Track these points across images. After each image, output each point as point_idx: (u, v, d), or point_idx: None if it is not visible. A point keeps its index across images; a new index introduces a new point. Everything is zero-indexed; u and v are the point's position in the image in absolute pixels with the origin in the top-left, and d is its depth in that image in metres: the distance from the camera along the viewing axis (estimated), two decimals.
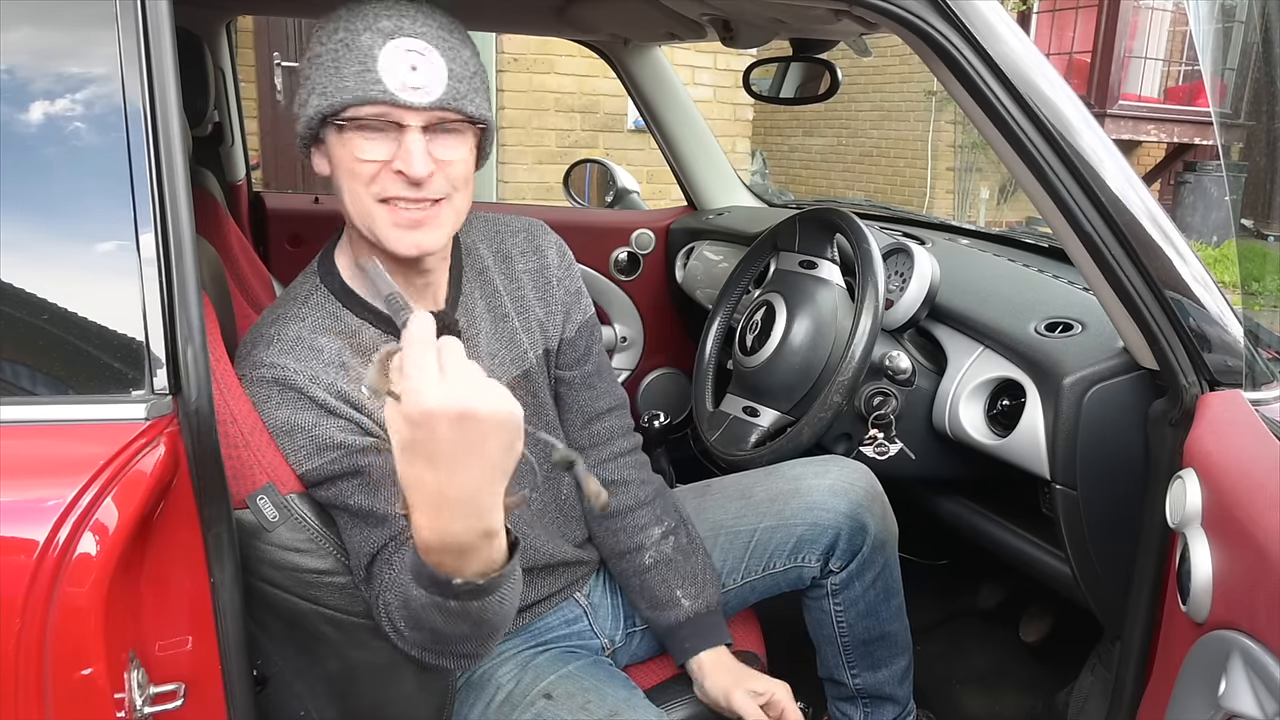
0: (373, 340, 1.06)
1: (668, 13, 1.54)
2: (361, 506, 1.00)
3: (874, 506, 1.34)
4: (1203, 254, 1.40)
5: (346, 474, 1.00)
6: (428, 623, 0.87)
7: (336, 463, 1.00)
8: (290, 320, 1.05)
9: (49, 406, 0.82)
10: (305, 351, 1.02)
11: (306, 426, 1.00)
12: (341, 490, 1.01)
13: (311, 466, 1.00)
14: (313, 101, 0.96)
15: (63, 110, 0.83)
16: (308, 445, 1.00)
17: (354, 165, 0.96)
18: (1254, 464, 0.91)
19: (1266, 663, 0.77)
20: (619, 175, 2.56)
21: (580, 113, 5.20)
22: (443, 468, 0.71)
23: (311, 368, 1.01)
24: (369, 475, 1.00)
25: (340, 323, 1.06)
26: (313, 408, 1.00)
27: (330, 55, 0.95)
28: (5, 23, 0.81)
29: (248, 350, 1.04)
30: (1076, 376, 1.21)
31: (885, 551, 1.36)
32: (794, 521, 1.32)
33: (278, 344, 1.02)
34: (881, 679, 1.41)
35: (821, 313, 1.53)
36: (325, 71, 0.95)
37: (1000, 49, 1.00)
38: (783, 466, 1.41)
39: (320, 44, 0.97)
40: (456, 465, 0.71)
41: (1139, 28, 7.03)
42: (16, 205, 0.81)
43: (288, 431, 1.00)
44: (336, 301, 1.07)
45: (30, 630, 0.75)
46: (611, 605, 1.34)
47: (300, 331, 1.04)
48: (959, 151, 7.76)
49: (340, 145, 0.97)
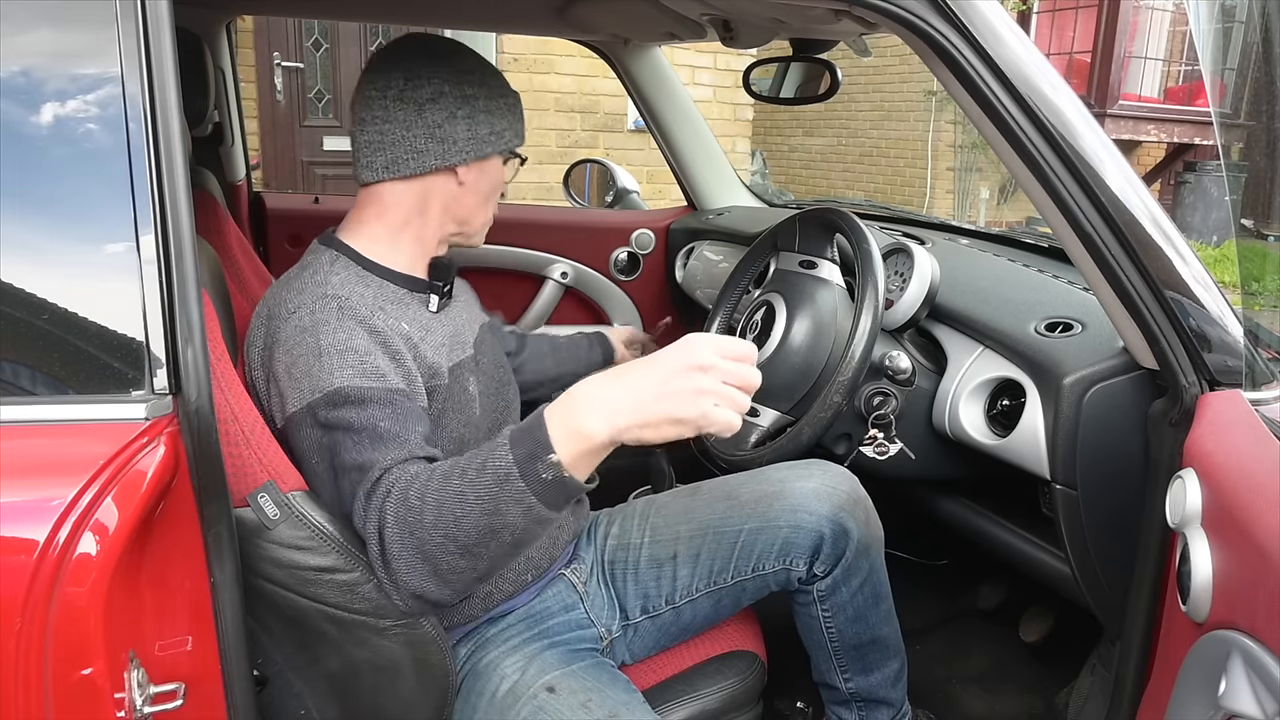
0: (394, 293, 1.20)
1: (668, 13, 1.54)
2: (388, 430, 1.06)
3: (856, 511, 1.35)
4: (1203, 254, 1.40)
5: (381, 402, 1.07)
6: (461, 501, 0.95)
7: (376, 391, 1.07)
8: (329, 274, 1.16)
9: (49, 406, 0.82)
10: (354, 291, 1.14)
11: (361, 351, 1.08)
12: (372, 414, 1.06)
13: (353, 384, 1.05)
14: (508, 137, 1.26)
15: (62, 110, 0.83)
16: (357, 366, 1.07)
17: (500, 186, 1.29)
18: (1254, 464, 0.91)
19: (1266, 663, 0.77)
20: (619, 175, 2.56)
21: (580, 113, 5.20)
22: (655, 374, 0.90)
23: (368, 301, 1.14)
24: (399, 408, 1.08)
25: (365, 280, 1.18)
26: (369, 336, 1.10)
27: (509, 108, 1.26)
28: (5, 23, 0.82)
29: (294, 294, 1.12)
30: (1076, 376, 1.21)
31: (870, 556, 1.36)
32: (778, 523, 1.34)
33: (330, 284, 1.13)
34: (874, 682, 1.42)
35: (821, 313, 1.53)
36: (511, 119, 1.26)
37: (1000, 49, 1.00)
38: (768, 469, 1.43)
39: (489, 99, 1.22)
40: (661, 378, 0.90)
41: (1139, 28, 7.03)
42: (17, 205, 0.82)
43: (341, 351, 1.07)
44: (358, 266, 1.19)
45: (30, 630, 0.75)
46: (606, 595, 1.37)
47: (344, 279, 1.15)
48: (959, 151, 7.76)
49: (504, 171, 1.28)
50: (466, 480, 0.95)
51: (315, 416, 1.06)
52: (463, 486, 0.95)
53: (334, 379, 1.06)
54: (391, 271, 1.21)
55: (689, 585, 1.35)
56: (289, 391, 1.07)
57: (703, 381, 0.89)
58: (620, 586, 1.38)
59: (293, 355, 1.08)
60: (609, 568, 1.39)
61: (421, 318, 1.21)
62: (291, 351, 1.08)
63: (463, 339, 1.29)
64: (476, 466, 0.95)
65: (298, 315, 1.10)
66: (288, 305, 1.12)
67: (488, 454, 0.95)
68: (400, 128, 1.17)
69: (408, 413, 1.08)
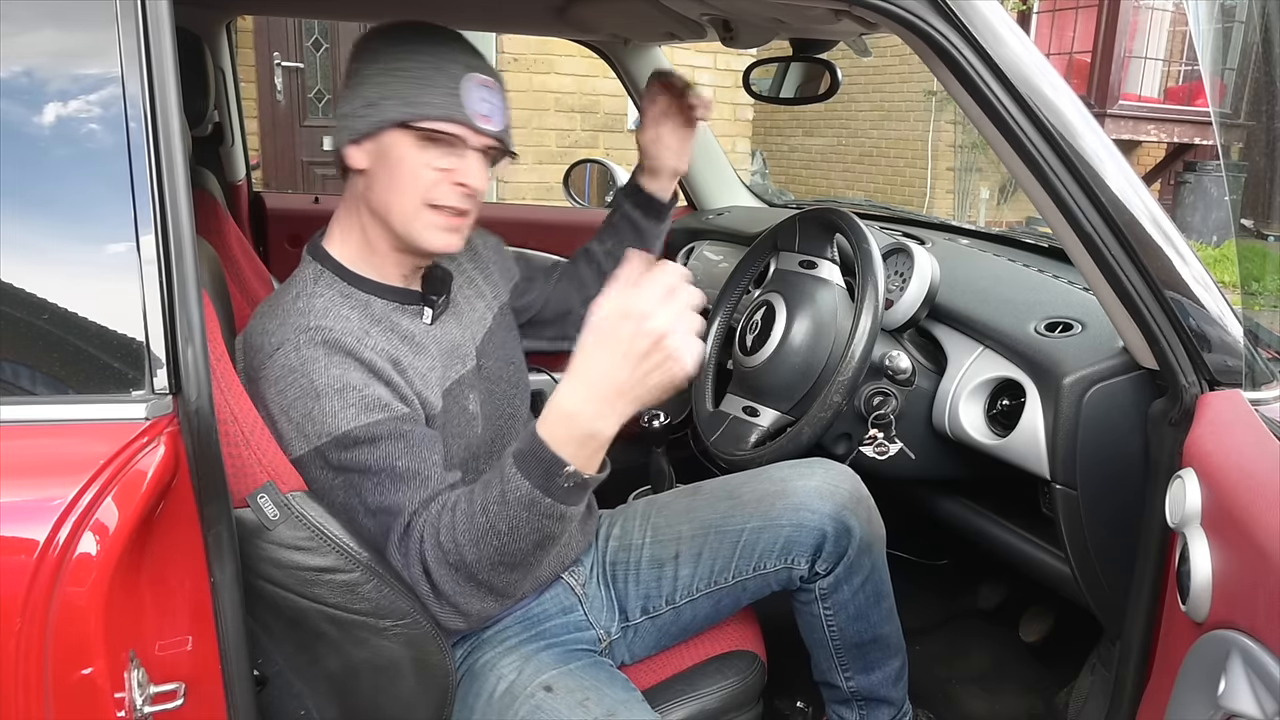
0: (382, 310, 1.16)
1: (668, 13, 1.54)
2: (407, 467, 1.06)
3: (859, 510, 1.34)
4: (1203, 254, 1.40)
5: (392, 436, 1.06)
6: (494, 533, 0.99)
7: (383, 425, 1.06)
8: (312, 297, 1.12)
9: (49, 406, 0.82)
10: (339, 317, 1.10)
11: (358, 385, 1.06)
12: (387, 452, 1.05)
13: (360, 424, 1.04)
14: (390, 106, 1.08)
15: (63, 110, 0.83)
16: (359, 403, 1.05)
17: (418, 170, 1.10)
18: (1254, 464, 0.91)
19: (1266, 663, 0.77)
20: (619, 175, 2.55)
21: (580, 113, 5.20)
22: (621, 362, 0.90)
23: (353, 328, 1.10)
24: (410, 439, 1.07)
25: (351, 299, 1.15)
26: (361, 368, 1.07)
27: (418, 72, 1.08)
28: (5, 23, 0.82)
29: (277, 326, 1.09)
30: (1076, 376, 1.21)
31: (872, 554, 1.36)
32: (781, 522, 1.33)
33: (312, 313, 1.09)
34: (875, 681, 1.42)
35: (821, 313, 1.53)
36: (412, 86, 1.08)
37: (1000, 49, 1.00)
38: (770, 468, 1.42)
39: (399, 59, 1.09)
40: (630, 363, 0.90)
41: (1139, 28, 7.03)
42: (17, 205, 0.82)
43: (339, 390, 1.05)
44: (342, 282, 1.15)
45: (30, 630, 0.75)
46: (606, 597, 1.36)
47: (326, 303, 1.12)
48: (959, 151, 7.76)
49: (409, 150, 1.09)
50: (490, 515, 0.99)
51: (326, 459, 1.05)
52: (491, 520, 0.99)
53: (339, 422, 1.04)
54: (378, 285, 1.17)
55: (690, 585, 1.35)
56: (290, 434, 1.05)
57: (662, 337, 0.90)
58: (621, 587, 1.38)
59: (287, 397, 1.05)
60: (610, 569, 1.39)
61: (414, 333, 1.17)
62: (285, 393, 1.05)
63: (462, 351, 1.24)
64: (496, 499, 0.99)
65: (282, 352, 1.06)
66: (270, 339, 1.08)
67: (501, 484, 0.99)
68: None
69: (419, 441, 1.08)
